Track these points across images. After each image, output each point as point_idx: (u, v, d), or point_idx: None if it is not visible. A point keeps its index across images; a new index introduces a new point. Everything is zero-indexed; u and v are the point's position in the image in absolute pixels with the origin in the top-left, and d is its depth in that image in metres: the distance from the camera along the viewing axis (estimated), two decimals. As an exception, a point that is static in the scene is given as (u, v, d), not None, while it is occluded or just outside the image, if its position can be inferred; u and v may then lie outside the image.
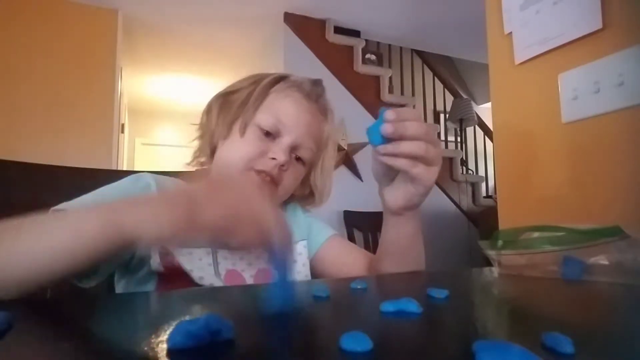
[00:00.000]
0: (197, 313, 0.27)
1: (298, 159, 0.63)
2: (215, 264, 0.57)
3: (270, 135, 0.60)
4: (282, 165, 0.59)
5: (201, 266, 0.55)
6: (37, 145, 2.49)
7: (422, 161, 0.45)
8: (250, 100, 0.62)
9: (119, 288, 0.57)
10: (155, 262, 0.53)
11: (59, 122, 2.63)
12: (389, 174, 0.51)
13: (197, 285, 0.53)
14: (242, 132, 0.61)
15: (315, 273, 0.69)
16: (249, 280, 0.59)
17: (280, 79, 0.65)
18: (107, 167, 2.70)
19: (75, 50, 2.75)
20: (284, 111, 0.61)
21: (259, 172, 0.59)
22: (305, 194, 0.70)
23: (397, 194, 0.52)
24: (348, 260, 0.68)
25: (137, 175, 0.59)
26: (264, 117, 0.60)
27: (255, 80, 0.65)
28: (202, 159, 0.66)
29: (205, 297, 0.37)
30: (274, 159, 0.59)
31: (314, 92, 0.65)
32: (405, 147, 0.44)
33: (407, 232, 0.56)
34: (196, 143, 0.67)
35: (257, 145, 0.60)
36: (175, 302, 0.34)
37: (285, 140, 0.60)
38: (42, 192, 0.69)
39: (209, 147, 0.65)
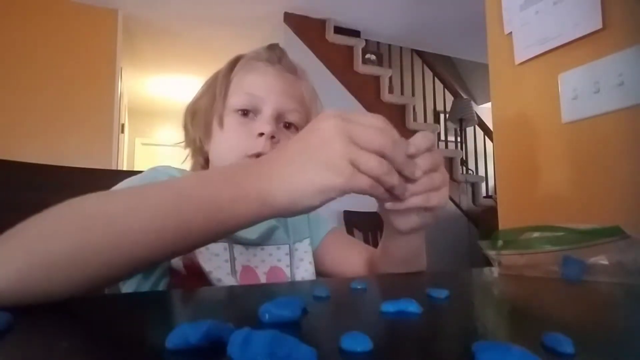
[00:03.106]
0: (199, 315, 0.27)
1: (288, 126, 0.59)
2: (232, 260, 0.56)
3: (249, 113, 0.58)
4: (273, 137, 0.56)
5: (218, 264, 0.55)
6: (37, 145, 2.49)
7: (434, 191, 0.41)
8: (217, 95, 0.60)
9: (126, 288, 0.56)
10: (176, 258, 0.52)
11: (59, 122, 2.63)
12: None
13: (210, 285, 0.53)
14: (221, 124, 0.58)
15: (316, 270, 0.69)
16: (262, 277, 0.58)
17: (235, 61, 0.62)
18: (107, 167, 2.70)
19: (75, 50, 2.75)
20: (252, 84, 0.58)
21: (254, 156, 0.56)
22: None
23: (410, 220, 0.45)
24: (349, 256, 0.66)
25: (162, 167, 0.58)
26: (235, 98, 0.58)
27: (214, 78, 0.63)
28: (200, 168, 0.66)
29: (208, 298, 0.37)
30: (261, 134, 0.56)
31: (274, 56, 0.61)
32: (417, 194, 0.39)
33: (415, 246, 0.52)
34: (190, 158, 0.67)
35: (240, 129, 0.57)
36: (179, 303, 0.34)
37: (266, 111, 0.57)
38: (42, 192, 0.69)
39: (201, 156, 0.65)
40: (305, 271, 0.64)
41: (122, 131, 3.56)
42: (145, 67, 4.07)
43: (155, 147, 5.36)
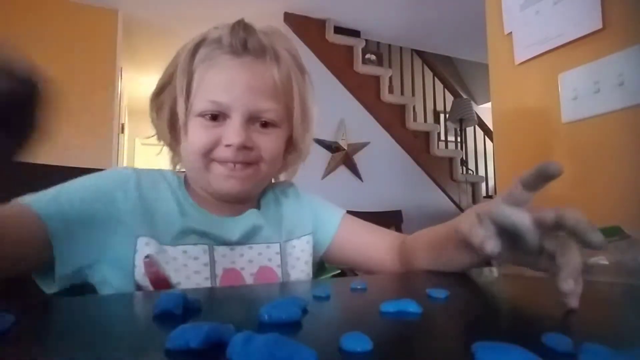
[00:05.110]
0: (199, 315, 0.27)
1: (265, 124, 0.53)
2: (212, 262, 0.52)
3: (218, 117, 0.51)
4: (244, 147, 0.51)
5: (197, 268, 0.51)
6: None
7: None
8: (177, 94, 0.52)
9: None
10: (140, 273, 0.48)
11: (59, 122, 2.63)
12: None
13: None
14: (186, 131, 0.53)
15: (336, 261, 0.64)
16: (249, 279, 0.54)
17: (195, 49, 0.53)
18: (107, 167, 2.68)
19: (75, 50, 2.75)
20: (215, 86, 0.51)
21: (222, 162, 0.52)
22: (292, 157, 0.61)
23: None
24: (373, 241, 0.61)
25: (119, 168, 0.56)
26: (199, 103, 0.51)
27: (174, 66, 0.55)
28: (179, 162, 0.62)
29: (209, 299, 0.37)
30: (229, 145, 0.50)
31: (237, 42, 0.52)
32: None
33: (472, 265, 0.47)
34: (167, 151, 0.61)
35: (206, 135, 0.51)
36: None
37: (235, 118, 0.50)
38: (42, 192, 0.69)
39: (174, 153, 0.60)
40: (300, 272, 0.59)
41: (122, 131, 3.56)
42: (145, 67, 4.07)
43: (155, 147, 5.34)
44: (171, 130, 0.56)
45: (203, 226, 0.53)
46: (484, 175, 3.84)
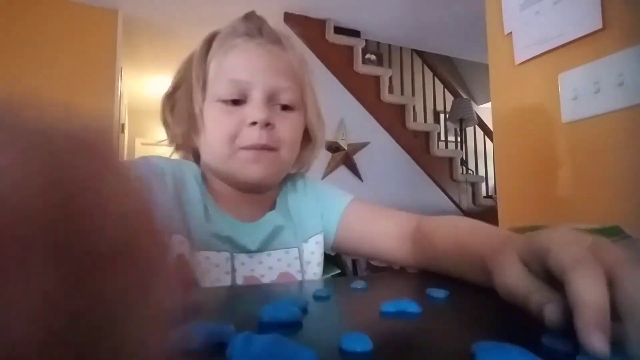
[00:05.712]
0: (199, 315, 0.27)
1: (284, 107, 0.52)
2: (233, 271, 0.50)
3: (238, 102, 0.50)
4: (267, 124, 0.50)
5: (218, 275, 0.49)
6: (37, 145, 2.48)
7: None
8: (194, 84, 0.51)
9: None
10: None
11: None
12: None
13: None
14: (202, 120, 0.51)
15: (346, 251, 0.61)
16: None
17: (210, 40, 0.54)
18: (107, 167, 2.69)
19: (75, 50, 2.75)
20: (234, 68, 0.51)
21: (248, 148, 0.50)
22: (307, 147, 0.59)
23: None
24: (379, 226, 0.56)
25: (154, 158, 0.52)
26: (218, 87, 0.50)
27: (189, 62, 0.55)
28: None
29: (209, 298, 0.37)
30: (254, 123, 0.49)
31: (252, 27, 0.54)
32: None
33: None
34: (175, 154, 0.59)
35: (229, 119, 0.50)
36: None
37: (256, 95, 0.50)
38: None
39: (189, 152, 0.58)
40: (313, 275, 0.56)
41: (122, 131, 3.56)
42: (145, 67, 4.07)
43: (155, 147, 5.35)
44: (189, 123, 0.54)
45: (226, 232, 0.51)
46: (484, 175, 3.84)
